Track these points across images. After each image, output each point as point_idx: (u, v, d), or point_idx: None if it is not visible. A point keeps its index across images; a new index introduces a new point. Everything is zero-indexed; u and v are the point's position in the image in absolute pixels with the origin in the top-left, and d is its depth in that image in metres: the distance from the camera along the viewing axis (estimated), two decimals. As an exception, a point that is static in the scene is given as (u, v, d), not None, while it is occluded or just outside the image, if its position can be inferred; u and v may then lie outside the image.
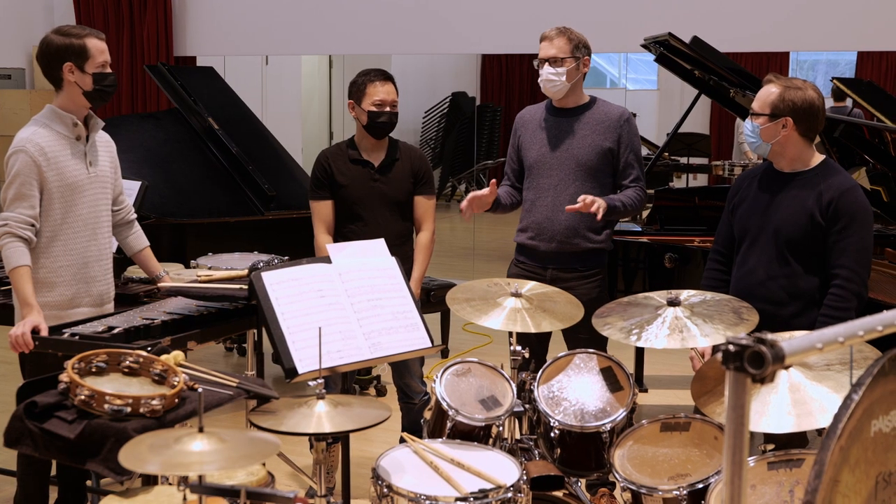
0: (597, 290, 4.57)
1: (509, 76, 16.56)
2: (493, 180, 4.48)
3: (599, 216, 4.28)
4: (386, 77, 4.79)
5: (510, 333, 3.96)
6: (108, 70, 4.03)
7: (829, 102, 10.19)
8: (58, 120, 3.99)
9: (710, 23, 7.75)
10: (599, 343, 4.20)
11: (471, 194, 4.44)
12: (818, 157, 3.88)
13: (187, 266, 5.24)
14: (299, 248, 5.27)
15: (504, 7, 8.71)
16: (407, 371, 4.85)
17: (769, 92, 3.81)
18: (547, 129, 4.59)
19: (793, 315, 3.81)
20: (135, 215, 4.46)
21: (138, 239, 4.43)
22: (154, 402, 2.99)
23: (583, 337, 4.23)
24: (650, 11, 8.10)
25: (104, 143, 4.21)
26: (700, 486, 3.24)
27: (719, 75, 5.62)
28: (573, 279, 4.54)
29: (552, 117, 4.61)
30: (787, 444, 3.22)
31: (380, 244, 4.02)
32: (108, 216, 4.18)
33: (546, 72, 4.48)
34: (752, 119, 3.85)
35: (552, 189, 4.53)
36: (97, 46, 3.99)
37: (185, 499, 2.55)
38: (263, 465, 3.44)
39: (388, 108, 4.73)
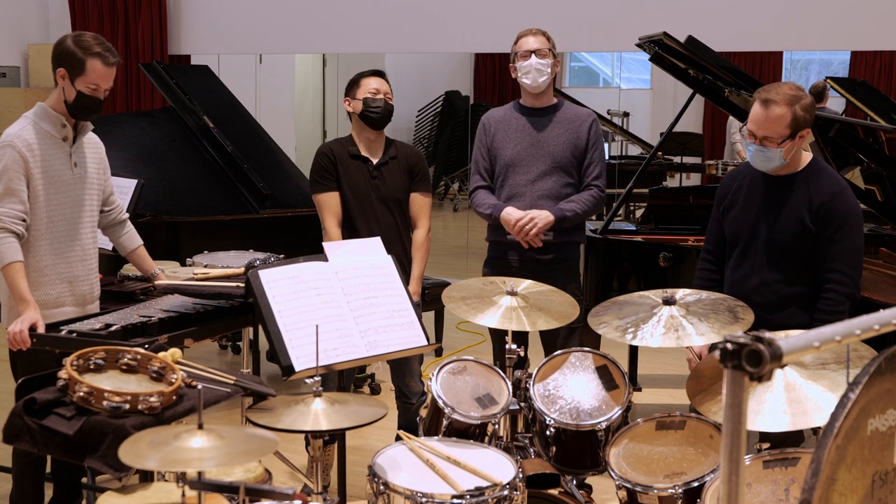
0: (573, 286, 4.65)
1: (503, 75, 16.52)
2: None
3: (528, 242, 4.56)
4: (378, 73, 4.87)
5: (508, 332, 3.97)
6: (99, 95, 3.98)
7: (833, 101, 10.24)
8: (47, 118, 3.99)
9: (705, 22, 7.76)
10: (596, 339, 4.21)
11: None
12: (807, 156, 3.88)
13: (183, 264, 5.25)
14: (294, 246, 5.28)
15: (497, 6, 8.71)
16: (408, 370, 4.86)
17: (779, 114, 3.72)
18: (521, 129, 4.73)
19: (784, 320, 3.81)
20: (126, 215, 4.46)
21: (131, 238, 4.44)
22: (152, 399, 3.00)
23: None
24: (645, 11, 8.11)
25: (92, 145, 4.20)
26: (696, 484, 3.26)
27: (714, 74, 5.62)
28: (549, 276, 4.49)
29: (525, 116, 4.76)
30: (782, 443, 3.24)
31: (376, 242, 4.03)
32: (92, 217, 4.17)
33: (534, 62, 4.65)
34: (766, 144, 3.76)
35: (529, 185, 4.66)
36: (98, 70, 3.93)
37: (183, 495, 2.56)
38: (260, 462, 3.45)
39: (381, 96, 4.78)
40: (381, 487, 3.21)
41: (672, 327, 3.53)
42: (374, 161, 4.80)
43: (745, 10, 8.03)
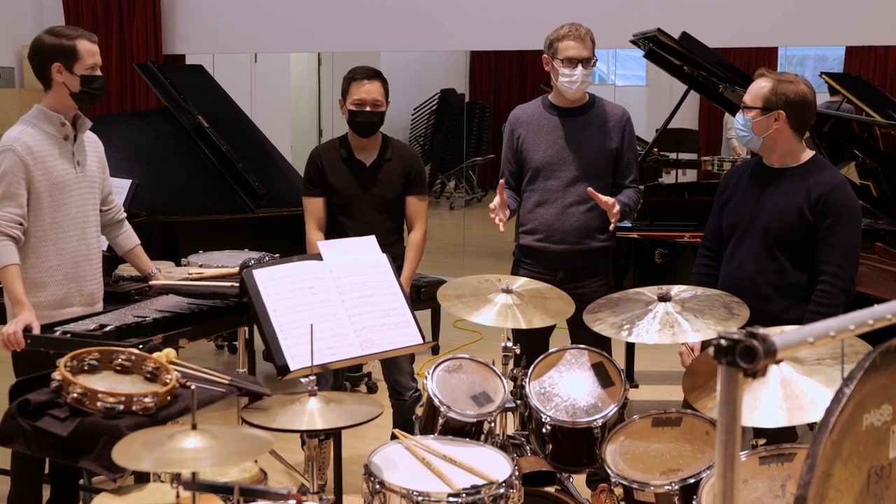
0: (605, 287, 4.56)
1: (498, 73, 16.56)
2: (501, 181, 4.47)
3: (614, 223, 4.37)
4: (370, 76, 4.72)
5: (505, 329, 3.96)
6: (98, 73, 4.02)
7: (824, 97, 10.20)
8: (46, 120, 3.98)
9: (699, 19, 7.75)
10: (606, 341, 4.15)
11: (493, 207, 4.33)
12: (808, 153, 3.88)
13: (178, 264, 5.24)
14: (290, 245, 5.27)
15: (493, 4, 8.71)
16: (397, 368, 4.85)
17: (761, 86, 3.81)
18: (553, 130, 4.52)
19: (781, 311, 3.80)
20: (124, 214, 4.46)
21: (128, 238, 4.44)
22: (147, 400, 2.99)
23: (591, 335, 4.12)
24: (639, 7, 8.11)
25: (92, 143, 4.20)
26: (692, 480, 3.24)
27: (708, 71, 5.62)
28: (583, 278, 4.53)
29: (556, 117, 4.54)
30: (777, 439, 3.23)
31: (371, 241, 4.02)
32: (96, 216, 4.17)
33: (580, 74, 4.39)
34: (743, 112, 3.85)
35: (561, 190, 4.48)
36: (87, 48, 3.97)
37: (178, 496, 2.55)
38: (255, 462, 3.44)
39: (367, 108, 4.67)
40: (377, 486, 3.20)
41: (667, 324, 3.52)
42: (367, 163, 4.77)
43: (740, 6, 8.02)
